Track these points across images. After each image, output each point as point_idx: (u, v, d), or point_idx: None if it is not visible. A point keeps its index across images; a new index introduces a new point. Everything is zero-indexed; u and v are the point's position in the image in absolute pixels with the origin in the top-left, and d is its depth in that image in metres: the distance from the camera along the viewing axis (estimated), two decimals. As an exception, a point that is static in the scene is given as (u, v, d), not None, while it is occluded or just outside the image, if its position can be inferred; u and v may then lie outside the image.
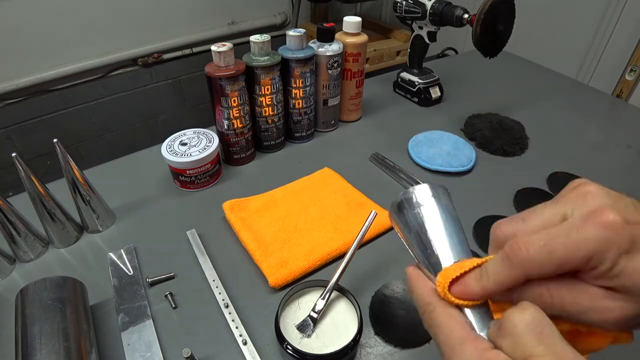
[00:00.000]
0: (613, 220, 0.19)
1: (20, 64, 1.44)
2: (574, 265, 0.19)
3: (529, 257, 0.20)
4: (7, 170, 1.48)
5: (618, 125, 0.86)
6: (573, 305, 0.20)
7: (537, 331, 0.19)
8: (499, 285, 0.21)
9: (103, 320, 0.45)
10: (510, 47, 0.79)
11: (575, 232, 0.19)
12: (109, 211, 0.58)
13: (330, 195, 0.61)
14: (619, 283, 0.19)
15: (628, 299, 0.19)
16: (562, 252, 0.19)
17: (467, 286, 0.22)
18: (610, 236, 0.19)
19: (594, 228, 0.19)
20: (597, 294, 0.20)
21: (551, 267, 0.20)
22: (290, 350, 0.38)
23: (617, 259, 0.19)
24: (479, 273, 0.22)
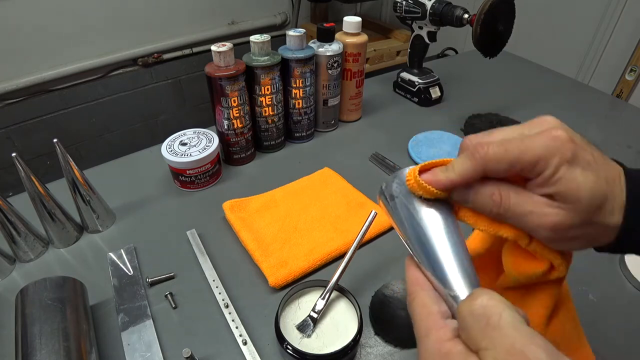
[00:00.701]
0: (561, 134, 0.22)
1: (20, 64, 1.44)
2: (523, 166, 0.23)
3: (488, 153, 0.23)
4: (7, 170, 1.48)
5: (618, 125, 0.86)
6: (517, 207, 0.23)
7: (483, 323, 0.19)
8: (462, 176, 0.24)
9: (103, 320, 0.45)
10: (510, 47, 0.79)
11: (529, 139, 0.23)
12: (109, 211, 0.58)
13: (330, 195, 0.61)
14: (558, 189, 0.22)
15: (563, 207, 0.22)
16: (515, 152, 0.23)
17: (435, 175, 0.25)
18: (556, 145, 0.22)
19: (544, 138, 0.23)
20: (538, 200, 0.23)
21: (505, 163, 0.23)
22: (290, 350, 0.38)
23: (559, 166, 0.22)
24: (445, 167, 0.25)
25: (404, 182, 0.26)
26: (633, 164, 0.72)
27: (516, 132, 0.24)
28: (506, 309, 0.19)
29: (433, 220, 0.25)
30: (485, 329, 0.19)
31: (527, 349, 0.18)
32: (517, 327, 0.19)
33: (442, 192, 0.25)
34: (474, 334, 0.19)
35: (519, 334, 0.18)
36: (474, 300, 0.20)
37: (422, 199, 0.25)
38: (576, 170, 0.22)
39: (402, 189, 0.26)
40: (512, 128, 0.25)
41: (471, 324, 0.20)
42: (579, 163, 0.22)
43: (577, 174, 0.22)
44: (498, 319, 0.19)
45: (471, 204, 0.25)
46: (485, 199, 0.24)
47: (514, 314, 0.19)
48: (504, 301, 0.20)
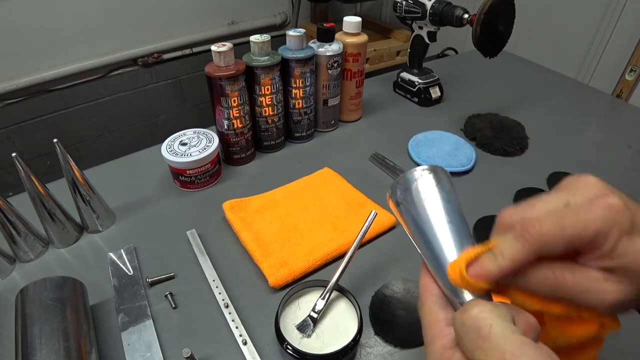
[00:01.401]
0: (616, 203, 0.20)
1: (20, 64, 1.44)
2: (582, 243, 0.21)
3: (542, 233, 0.21)
4: (7, 170, 1.48)
5: (618, 125, 0.86)
6: (574, 287, 0.21)
7: (475, 334, 0.19)
8: (515, 263, 0.21)
9: (103, 320, 0.45)
10: (510, 47, 0.79)
11: (583, 212, 0.21)
12: (109, 211, 0.58)
13: (330, 195, 0.61)
14: (619, 263, 0.20)
15: (625, 282, 0.20)
16: (572, 229, 0.20)
17: (483, 267, 0.22)
18: (613, 217, 0.20)
19: (600, 209, 0.20)
20: (596, 277, 0.21)
21: (562, 243, 0.21)
22: (290, 350, 0.38)
23: (619, 239, 0.20)
24: (492, 255, 0.22)
25: (409, 187, 0.26)
26: (633, 164, 0.72)
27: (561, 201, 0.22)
28: (497, 319, 0.19)
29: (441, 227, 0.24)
30: (476, 340, 0.19)
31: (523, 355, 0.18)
32: (507, 337, 0.19)
33: (493, 285, 0.22)
34: (467, 345, 0.20)
35: (509, 345, 0.18)
36: (465, 312, 0.20)
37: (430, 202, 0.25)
38: (636, 240, 0.20)
39: (407, 195, 0.26)
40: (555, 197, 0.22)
41: (464, 335, 0.20)
42: (637, 232, 0.21)
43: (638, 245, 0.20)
44: (488, 330, 0.19)
45: (520, 287, 0.23)
46: (538, 283, 0.22)
47: (505, 324, 0.19)
48: (495, 312, 0.20)
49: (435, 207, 0.25)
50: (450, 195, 0.26)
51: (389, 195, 0.28)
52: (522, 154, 0.73)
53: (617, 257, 0.20)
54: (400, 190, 0.26)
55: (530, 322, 0.21)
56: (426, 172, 0.26)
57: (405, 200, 0.26)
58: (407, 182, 0.26)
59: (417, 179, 0.26)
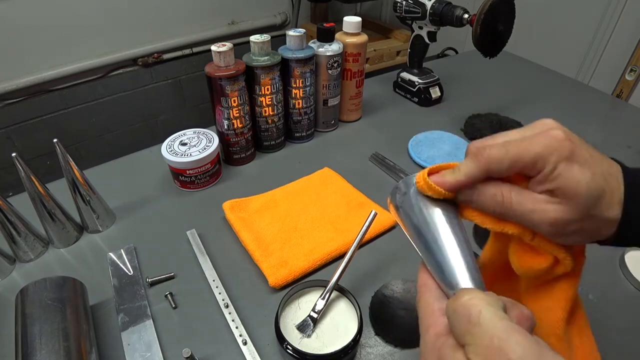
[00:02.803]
0: (558, 134, 0.24)
1: (20, 64, 1.44)
2: (524, 164, 0.24)
3: (491, 154, 0.25)
4: (7, 170, 1.48)
5: (618, 125, 0.86)
6: (518, 205, 0.25)
7: (465, 320, 0.20)
8: (467, 177, 0.26)
9: (103, 320, 0.45)
10: (510, 47, 0.79)
11: (529, 140, 0.24)
12: (109, 211, 0.58)
13: (330, 195, 0.61)
14: (557, 185, 0.23)
15: (563, 202, 0.24)
16: (515, 152, 0.24)
17: (442, 177, 0.26)
18: (554, 144, 0.24)
19: (542, 137, 0.24)
20: (538, 198, 0.24)
21: (506, 163, 0.24)
22: (290, 350, 0.38)
23: (557, 163, 0.23)
24: (452, 170, 0.27)
25: (407, 191, 0.28)
26: (633, 163, 0.72)
27: (517, 134, 0.25)
28: (486, 306, 0.20)
29: (437, 227, 0.26)
30: (467, 325, 0.20)
31: (505, 344, 0.18)
32: (496, 323, 0.19)
33: (449, 193, 0.26)
34: (458, 330, 0.21)
35: (497, 330, 0.19)
36: (457, 299, 0.22)
37: (426, 205, 0.27)
38: (574, 166, 0.23)
39: (406, 198, 0.28)
40: (514, 131, 0.26)
41: (455, 322, 0.21)
42: (576, 160, 0.24)
43: (575, 170, 0.23)
44: (478, 315, 0.20)
45: (475, 204, 0.26)
46: (488, 199, 0.26)
47: (494, 310, 0.20)
48: (485, 299, 0.21)
49: (433, 211, 0.26)
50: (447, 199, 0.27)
51: (390, 199, 0.29)
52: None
53: (555, 179, 0.23)
54: (399, 194, 0.28)
55: (524, 314, 0.22)
56: None
57: (404, 203, 0.28)
58: (406, 187, 0.28)
59: (414, 184, 0.27)
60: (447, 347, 0.21)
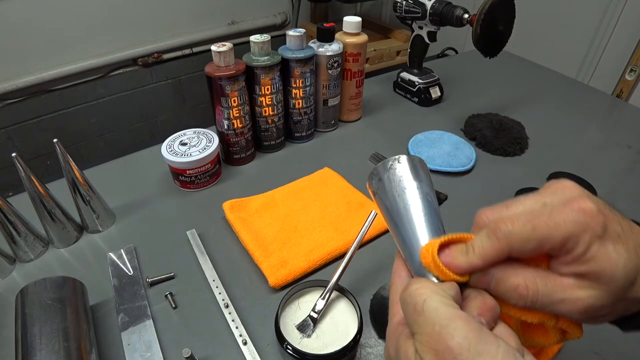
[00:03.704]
0: (589, 207, 0.20)
1: (20, 64, 1.44)
2: (553, 245, 0.20)
3: (513, 231, 0.21)
4: (7, 170, 1.48)
5: (618, 125, 0.86)
6: (545, 297, 0.21)
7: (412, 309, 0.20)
8: (484, 259, 0.22)
9: (103, 320, 0.45)
10: (510, 47, 0.79)
11: (556, 213, 0.21)
12: (109, 211, 0.58)
13: (330, 195, 0.61)
14: (590, 268, 0.20)
15: (596, 287, 0.20)
16: (543, 229, 0.20)
17: (453, 259, 0.22)
18: (586, 220, 0.20)
19: (573, 212, 0.20)
20: (568, 284, 0.21)
21: (533, 243, 0.21)
22: (290, 350, 0.38)
23: (591, 243, 0.20)
24: (464, 247, 0.22)
25: (380, 179, 0.27)
26: (633, 164, 0.72)
27: (536, 203, 0.22)
28: (432, 294, 0.20)
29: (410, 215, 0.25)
30: (413, 314, 0.20)
31: (445, 330, 0.19)
32: (440, 310, 0.19)
33: (461, 277, 0.22)
34: (407, 319, 0.21)
35: (439, 318, 0.19)
36: (407, 288, 0.21)
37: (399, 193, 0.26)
38: (608, 246, 0.20)
39: (380, 186, 0.27)
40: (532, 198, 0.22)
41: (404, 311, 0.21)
42: (609, 237, 0.20)
43: (610, 250, 0.20)
44: (422, 304, 0.20)
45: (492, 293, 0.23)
46: (509, 290, 0.22)
47: (439, 299, 0.20)
48: (431, 288, 0.21)
49: (406, 196, 0.26)
50: (422, 184, 0.26)
51: (367, 184, 0.29)
52: (522, 154, 0.73)
53: (588, 261, 0.20)
54: (375, 180, 0.27)
55: (487, 303, 0.21)
56: (396, 162, 0.27)
57: (379, 189, 0.27)
58: (381, 172, 0.27)
59: (389, 169, 0.27)
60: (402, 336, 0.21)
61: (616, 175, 0.69)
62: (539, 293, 0.21)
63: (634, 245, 0.21)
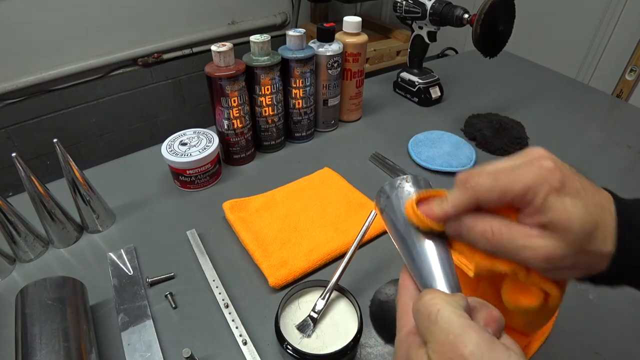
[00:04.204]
0: (548, 164, 0.23)
1: (20, 64, 1.44)
2: (514, 194, 0.23)
3: (479, 183, 0.24)
4: (7, 170, 1.48)
5: (618, 125, 0.86)
6: (509, 242, 0.24)
7: (425, 318, 0.21)
8: (455, 208, 0.25)
9: (103, 320, 0.45)
10: (510, 47, 0.79)
11: (518, 169, 0.23)
12: (109, 211, 0.58)
13: (330, 195, 0.61)
14: (548, 218, 0.22)
15: (555, 237, 0.23)
16: (505, 181, 0.23)
17: (430, 208, 0.26)
18: (544, 174, 0.23)
19: (533, 168, 0.23)
20: (530, 233, 0.23)
21: (496, 193, 0.23)
22: (290, 350, 0.38)
23: (548, 195, 0.22)
24: (440, 199, 0.26)
25: (390, 195, 0.28)
26: (633, 164, 0.72)
27: (507, 163, 0.25)
28: (445, 305, 0.21)
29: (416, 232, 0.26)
30: (426, 323, 0.21)
31: (458, 339, 0.19)
32: (452, 320, 0.20)
33: (437, 225, 0.26)
34: (420, 328, 0.22)
35: (453, 327, 0.20)
36: (420, 298, 0.22)
37: None
38: (565, 198, 0.22)
39: (388, 203, 0.28)
40: (504, 160, 0.25)
41: (417, 320, 0.22)
42: (567, 192, 0.23)
43: (567, 202, 0.22)
44: (436, 313, 0.21)
45: (465, 240, 0.25)
46: (478, 235, 0.24)
47: (452, 309, 0.21)
48: (444, 299, 0.21)
49: None
50: None
51: (375, 202, 0.30)
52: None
53: (546, 211, 0.22)
54: (383, 198, 0.29)
55: (492, 315, 0.22)
56: (404, 182, 0.28)
57: (387, 207, 0.28)
58: (388, 191, 0.28)
59: (397, 188, 0.28)
60: (413, 345, 0.22)
61: (616, 175, 0.69)
62: (504, 238, 0.24)
63: (593, 203, 0.23)
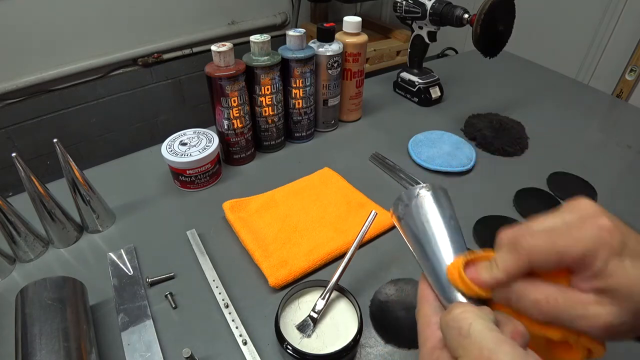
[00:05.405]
0: (607, 224, 0.21)
1: (20, 64, 1.44)
2: (572, 259, 0.21)
3: (533, 245, 0.22)
4: (7, 170, 1.48)
5: (618, 125, 0.86)
6: (565, 312, 0.22)
7: (456, 332, 0.20)
8: (506, 274, 0.23)
9: (103, 320, 0.45)
10: (510, 47, 0.79)
11: (575, 230, 0.22)
12: (109, 211, 0.58)
13: (330, 195, 0.61)
14: (608, 283, 0.21)
15: (615, 304, 0.21)
16: (562, 244, 0.21)
17: (478, 274, 0.24)
18: (604, 236, 0.21)
19: (591, 228, 0.21)
20: (587, 300, 0.21)
21: (553, 256, 0.22)
22: (290, 350, 0.38)
23: (609, 259, 0.21)
24: (488, 264, 0.24)
25: (409, 204, 0.28)
26: (633, 164, 0.72)
27: (558, 220, 0.23)
28: (477, 319, 0.21)
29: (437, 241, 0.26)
30: (458, 338, 0.20)
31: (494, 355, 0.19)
32: (485, 335, 0.20)
33: (485, 292, 0.23)
34: (451, 343, 0.21)
35: (487, 342, 0.19)
36: (449, 312, 0.22)
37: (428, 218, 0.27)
38: (626, 262, 0.21)
39: (407, 211, 0.28)
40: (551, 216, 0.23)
41: (447, 334, 0.21)
42: (628, 254, 0.21)
43: (628, 266, 0.21)
44: (468, 328, 0.20)
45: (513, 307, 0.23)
46: (529, 303, 0.22)
47: (484, 323, 0.20)
48: (476, 312, 0.21)
49: (433, 222, 0.27)
50: (447, 210, 0.28)
51: (392, 210, 0.30)
52: (522, 154, 0.73)
53: (607, 277, 0.21)
54: (402, 206, 0.29)
55: (518, 330, 0.21)
56: (424, 190, 0.28)
57: (406, 215, 0.28)
58: (408, 199, 0.28)
59: (417, 196, 0.28)
60: None
61: (616, 175, 0.69)
62: (560, 308, 0.22)
63: None
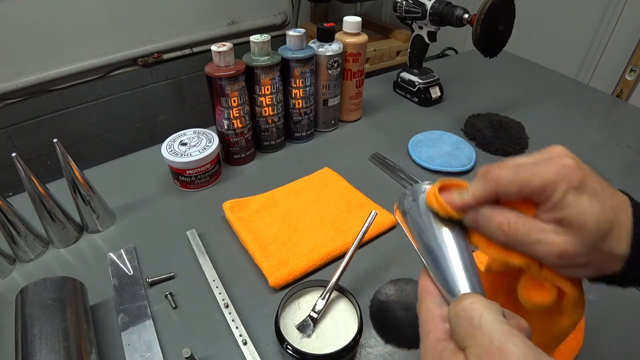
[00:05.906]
0: (568, 162, 0.24)
1: (20, 64, 1.44)
2: (532, 189, 0.24)
3: (499, 175, 0.25)
4: (7, 170, 1.48)
5: (618, 125, 0.86)
6: (524, 236, 0.24)
7: (466, 323, 0.21)
8: (475, 198, 0.25)
9: (103, 320, 0.45)
10: (510, 47, 0.79)
11: (538, 165, 0.24)
12: (109, 211, 0.58)
13: (330, 195, 0.61)
14: (565, 214, 0.23)
15: (570, 234, 0.23)
16: (525, 175, 0.24)
17: (451, 196, 0.26)
18: (564, 171, 0.23)
19: (554, 164, 0.24)
20: (545, 228, 0.23)
21: (515, 185, 0.24)
22: (290, 350, 0.38)
23: (567, 192, 0.23)
24: (461, 190, 0.27)
25: (416, 199, 0.28)
26: (633, 164, 0.72)
27: (528, 159, 0.25)
28: (487, 309, 0.21)
29: (442, 235, 0.27)
30: (468, 328, 0.21)
31: (504, 346, 0.19)
32: (496, 326, 0.20)
33: (456, 213, 0.26)
34: (459, 333, 0.21)
35: (497, 332, 0.20)
36: (459, 303, 0.22)
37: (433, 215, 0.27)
38: (583, 197, 0.23)
39: (414, 205, 0.28)
40: (525, 156, 0.26)
41: (456, 325, 0.22)
42: (586, 190, 0.23)
43: (584, 200, 0.23)
44: (479, 318, 0.20)
45: (481, 230, 0.26)
46: (494, 226, 0.25)
47: (495, 315, 0.21)
48: (486, 303, 0.21)
49: (440, 219, 0.27)
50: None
51: (397, 205, 0.30)
52: (522, 154, 0.73)
53: (563, 208, 0.23)
54: (408, 201, 0.29)
55: (521, 324, 0.22)
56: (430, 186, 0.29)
57: (411, 210, 0.28)
58: (414, 194, 0.29)
59: (424, 192, 0.28)
60: (447, 352, 0.22)
61: (616, 175, 0.69)
62: (520, 232, 0.24)
63: (610, 204, 0.23)
